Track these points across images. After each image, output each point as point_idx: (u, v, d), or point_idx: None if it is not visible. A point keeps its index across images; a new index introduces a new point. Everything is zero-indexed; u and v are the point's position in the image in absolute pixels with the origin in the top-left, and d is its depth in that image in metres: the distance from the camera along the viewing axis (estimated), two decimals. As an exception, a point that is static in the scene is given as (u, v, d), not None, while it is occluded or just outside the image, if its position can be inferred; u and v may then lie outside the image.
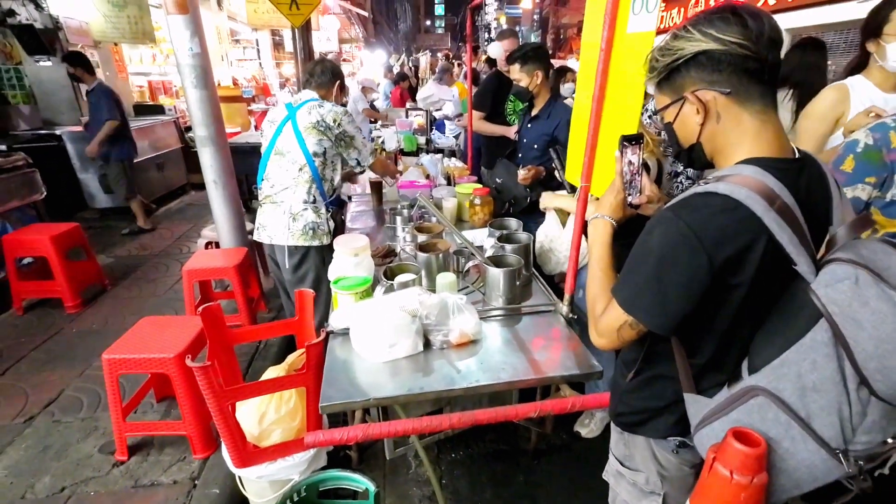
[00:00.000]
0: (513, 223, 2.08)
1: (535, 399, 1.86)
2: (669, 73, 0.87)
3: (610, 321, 0.92)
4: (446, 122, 5.33)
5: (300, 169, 2.04)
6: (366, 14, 15.70)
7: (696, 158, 0.92)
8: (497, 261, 1.77)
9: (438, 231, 2.02)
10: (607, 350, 0.99)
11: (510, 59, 2.58)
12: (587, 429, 2.17)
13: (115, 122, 4.16)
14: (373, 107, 6.15)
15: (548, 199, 2.01)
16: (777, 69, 0.82)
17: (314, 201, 2.08)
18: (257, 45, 11.71)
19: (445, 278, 1.63)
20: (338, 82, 2.18)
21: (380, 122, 5.87)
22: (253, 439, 1.69)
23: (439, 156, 3.42)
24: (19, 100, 5.03)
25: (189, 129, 5.56)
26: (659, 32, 1.11)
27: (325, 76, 2.13)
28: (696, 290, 0.80)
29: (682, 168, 1.82)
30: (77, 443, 2.04)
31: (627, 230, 1.08)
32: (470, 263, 1.83)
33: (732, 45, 0.77)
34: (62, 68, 4.94)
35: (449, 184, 3.06)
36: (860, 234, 0.79)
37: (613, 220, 1.08)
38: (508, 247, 1.82)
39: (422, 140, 5.15)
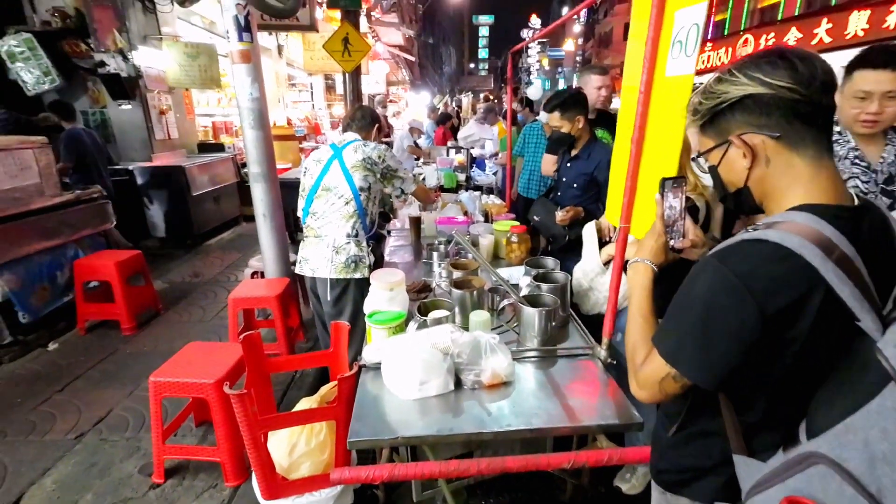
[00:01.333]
0: (549, 262, 2.05)
1: (571, 447, 1.77)
2: (713, 117, 0.85)
3: (651, 373, 0.87)
4: (486, 160, 5.43)
5: (346, 203, 2.14)
6: (412, 59, 16.59)
7: (745, 202, 0.88)
8: (533, 300, 1.74)
9: (474, 268, 2.02)
10: (649, 403, 0.94)
11: (549, 108, 2.61)
12: (628, 484, 2.03)
13: (65, 165, 4.29)
14: (417, 145, 6.39)
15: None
16: (832, 113, 0.79)
17: (357, 235, 2.16)
18: (311, 88, 12.55)
19: (479, 316, 1.62)
20: (376, 125, 2.32)
21: (422, 160, 6.08)
22: (282, 471, 1.69)
23: (478, 193, 3.48)
24: (102, 138, 5.59)
25: (245, 165, 5.96)
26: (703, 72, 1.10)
27: (364, 120, 2.30)
28: (746, 343, 0.75)
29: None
30: (119, 462, 2.12)
31: (670, 275, 1.05)
32: (504, 302, 1.81)
33: (781, 88, 0.75)
34: (139, 111, 5.50)
35: (486, 221, 3.08)
36: None
37: (654, 264, 1.05)
38: (545, 286, 1.79)
39: (462, 177, 5.26)
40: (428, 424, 1.31)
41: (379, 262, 2.47)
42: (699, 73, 1.12)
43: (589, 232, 1.92)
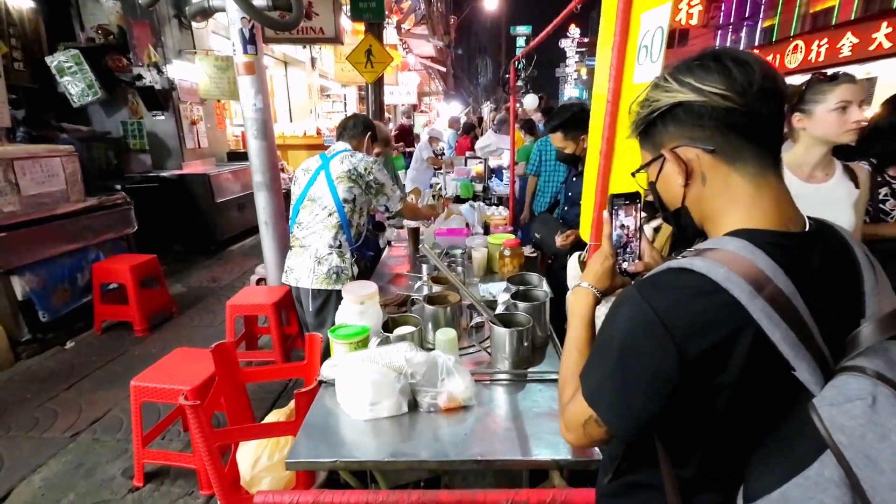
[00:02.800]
0: (534, 278, 1.95)
1: (547, 478, 1.66)
2: (647, 128, 0.76)
3: (576, 413, 0.78)
4: (504, 170, 5.35)
5: (329, 214, 2.13)
6: (444, 70, 16.76)
7: (686, 224, 0.78)
8: (508, 319, 1.65)
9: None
10: (578, 447, 0.84)
11: (550, 128, 2.50)
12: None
13: None
14: (441, 154, 6.38)
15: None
16: (775, 124, 0.69)
17: (340, 246, 2.14)
18: (344, 99, 12.89)
19: (445, 334, 1.54)
20: (369, 133, 2.30)
21: (444, 168, 6.06)
22: (245, 484, 1.67)
23: (478, 203, 3.40)
24: (137, 147, 5.92)
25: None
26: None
27: (356, 129, 2.27)
28: (665, 389, 0.65)
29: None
30: (106, 463, 2.17)
31: None
32: (476, 319, 1.73)
33: (713, 96, 0.66)
34: (172, 121, 5.78)
35: (487, 233, 3.00)
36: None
37: (598, 290, 0.95)
38: (521, 305, 1.70)
39: (479, 188, 5.20)
40: (376, 448, 1.25)
41: (366, 274, 2.43)
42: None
43: (573, 265, 1.82)
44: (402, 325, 1.65)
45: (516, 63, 3.06)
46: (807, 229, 0.68)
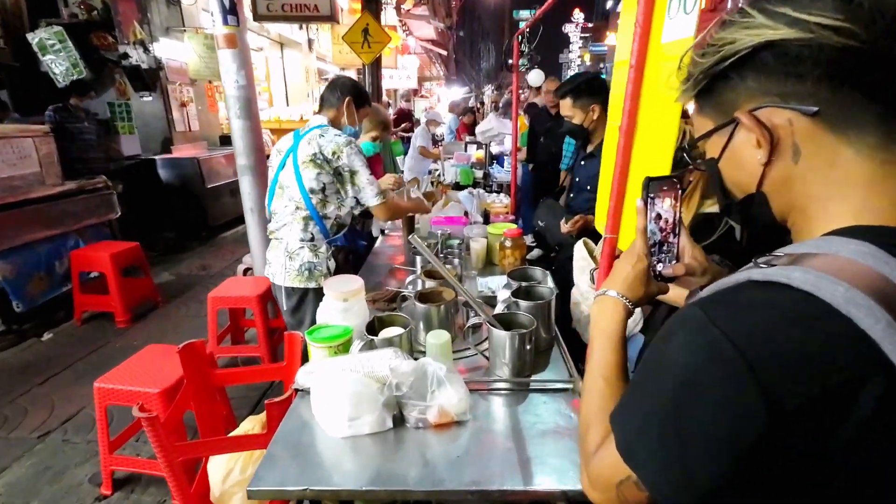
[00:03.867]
0: (538, 273, 1.76)
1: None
2: (712, 83, 0.55)
3: (606, 468, 0.57)
4: (506, 156, 5.14)
5: (297, 207, 1.88)
6: (445, 53, 16.34)
7: (757, 216, 0.57)
8: (508, 319, 1.47)
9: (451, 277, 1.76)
10: None
11: (561, 93, 2.32)
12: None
13: None
14: (436, 142, 6.12)
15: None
16: None
17: (312, 239, 1.90)
18: (343, 82, 12.58)
19: (437, 338, 1.36)
20: (348, 98, 1.94)
21: (441, 157, 5.83)
22: (215, 499, 1.51)
23: (478, 190, 3.20)
24: (126, 130, 5.70)
25: (267, 157, 5.94)
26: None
27: (334, 94, 1.94)
28: (742, 449, 0.43)
29: None
30: (74, 467, 2.02)
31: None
32: (472, 320, 1.55)
33: (821, 29, 0.44)
34: (160, 103, 5.55)
35: (486, 222, 2.81)
36: None
37: (629, 299, 0.75)
38: (523, 304, 1.52)
39: (479, 174, 4.99)
40: (352, 472, 1.08)
41: (354, 267, 2.24)
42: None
43: (580, 252, 1.63)
44: (389, 325, 1.48)
45: (519, 38, 2.84)
46: None
